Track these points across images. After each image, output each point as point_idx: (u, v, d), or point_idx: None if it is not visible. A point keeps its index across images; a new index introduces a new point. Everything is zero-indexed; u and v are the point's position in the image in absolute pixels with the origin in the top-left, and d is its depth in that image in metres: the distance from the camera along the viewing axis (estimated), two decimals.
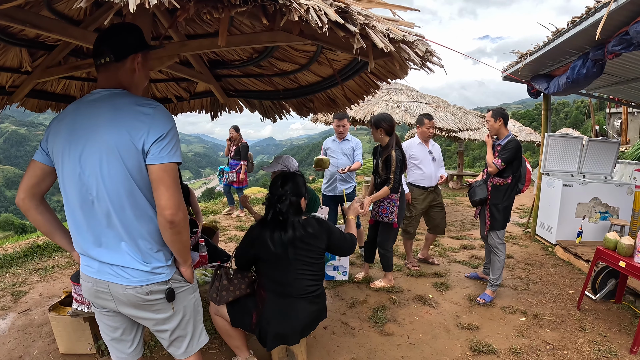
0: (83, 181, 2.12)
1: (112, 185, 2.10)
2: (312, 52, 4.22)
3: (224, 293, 3.41)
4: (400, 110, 10.23)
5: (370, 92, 4.59)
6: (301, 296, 3.31)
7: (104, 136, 2.07)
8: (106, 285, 2.22)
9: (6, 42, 3.84)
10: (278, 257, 3.22)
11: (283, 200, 3.26)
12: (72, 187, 2.15)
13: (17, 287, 5.81)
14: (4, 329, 4.60)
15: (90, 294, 2.31)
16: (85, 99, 2.22)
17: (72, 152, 2.12)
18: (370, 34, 2.12)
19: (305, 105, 5.44)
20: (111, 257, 2.19)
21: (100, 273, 2.21)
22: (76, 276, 3.60)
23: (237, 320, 3.43)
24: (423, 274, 6.21)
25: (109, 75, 2.24)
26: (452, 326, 4.62)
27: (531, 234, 8.60)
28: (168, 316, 2.36)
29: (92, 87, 5.44)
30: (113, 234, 2.17)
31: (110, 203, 2.12)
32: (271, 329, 3.23)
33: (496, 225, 5.20)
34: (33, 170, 2.27)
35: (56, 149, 2.17)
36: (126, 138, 2.06)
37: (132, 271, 2.20)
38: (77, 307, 3.59)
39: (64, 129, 2.15)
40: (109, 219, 2.14)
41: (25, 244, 7.48)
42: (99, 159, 2.08)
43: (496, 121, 5.22)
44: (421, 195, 6.39)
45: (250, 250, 3.35)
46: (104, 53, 2.20)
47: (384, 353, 4.09)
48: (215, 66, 5.09)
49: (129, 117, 2.10)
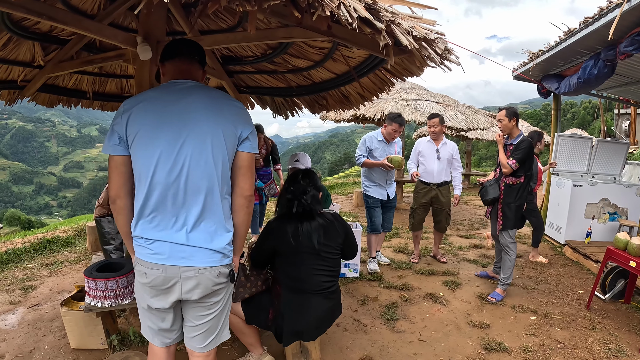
0: (179, 160, 2.25)
1: (212, 167, 2.30)
2: (327, 49, 4.25)
3: (241, 290, 3.44)
4: (410, 108, 10.23)
5: (385, 90, 4.63)
6: (317, 292, 3.32)
7: (208, 122, 2.29)
8: (177, 270, 2.30)
9: (20, 35, 3.87)
10: (296, 250, 3.25)
11: (307, 192, 3.32)
12: (162, 170, 2.25)
13: (27, 281, 5.85)
14: (14, 323, 4.62)
15: (157, 283, 2.33)
16: (170, 88, 2.37)
17: (168, 136, 2.24)
18: (395, 32, 2.15)
19: (318, 102, 5.45)
20: (191, 238, 2.31)
21: (172, 258, 2.29)
22: (89, 271, 3.63)
23: (252, 317, 3.45)
24: (433, 272, 6.24)
25: (192, 70, 2.49)
26: (464, 324, 4.65)
27: None
28: (214, 302, 2.48)
29: (103, 82, 5.53)
30: (196, 215, 2.31)
31: (206, 185, 2.30)
32: (287, 325, 3.26)
33: (508, 224, 5.21)
34: (117, 167, 2.33)
35: (143, 134, 2.25)
36: (230, 126, 2.34)
37: (206, 252, 2.33)
38: (90, 302, 3.60)
39: (152, 115, 2.27)
40: (197, 201, 2.30)
41: (34, 239, 7.50)
42: (203, 143, 2.28)
43: (510, 120, 5.20)
44: (423, 189, 6.52)
45: (269, 245, 3.37)
46: (194, 54, 2.51)
47: (396, 350, 4.11)
48: (227, 62, 5.11)
49: (228, 107, 2.39)
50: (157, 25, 3.52)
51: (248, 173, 2.44)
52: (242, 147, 2.41)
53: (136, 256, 2.37)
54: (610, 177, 8.21)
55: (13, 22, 3.72)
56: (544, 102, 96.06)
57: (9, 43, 4.03)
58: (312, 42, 4.17)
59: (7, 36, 3.89)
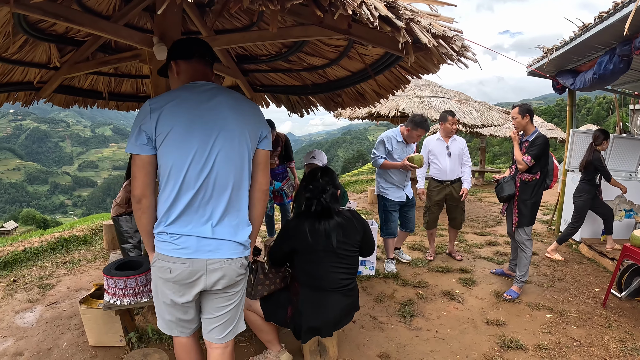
0: (210, 158, 2.36)
1: (238, 165, 2.45)
2: (342, 47, 4.25)
3: (260, 287, 3.44)
4: (424, 105, 10.20)
5: (401, 87, 4.62)
6: (335, 289, 3.33)
7: (236, 123, 2.43)
8: (203, 263, 2.38)
9: (36, 37, 3.90)
10: (314, 249, 3.25)
11: (327, 190, 3.33)
12: (195, 168, 2.33)
13: (45, 280, 5.89)
14: (32, 321, 4.66)
15: (183, 277, 2.39)
16: (197, 89, 2.45)
17: (200, 135, 2.34)
18: (415, 30, 2.14)
19: (333, 100, 5.45)
20: (216, 231, 2.41)
21: (199, 251, 2.37)
22: (108, 269, 3.65)
23: (271, 314, 3.45)
24: (449, 269, 6.22)
25: (208, 72, 2.61)
26: (480, 321, 4.63)
27: (555, 231, 8.54)
28: (234, 292, 2.60)
29: (119, 82, 5.56)
30: (225, 210, 2.44)
31: (232, 182, 2.43)
32: (305, 322, 3.27)
33: (524, 221, 5.18)
34: (144, 166, 2.36)
35: (175, 132, 2.30)
36: (254, 127, 2.52)
37: (229, 244, 2.44)
38: (109, 300, 3.62)
39: (185, 114, 2.34)
40: (224, 197, 2.42)
41: (51, 238, 7.54)
42: (232, 142, 2.41)
43: (523, 117, 5.16)
44: (436, 187, 6.48)
45: (287, 244, 3.37)
46: (209, 55, 2.61)
47: (412, 347, 4.11)
48: (242, 61, 5.11)
49: (249, 109, 2.56)
50: (172, 26, 3.52)
51: (265, 169, 2.62)
52: (261, 145, 2.57)
53: (159, 252, 2.40)
54: (625, 174, 8.10)
55: (29, 25, 3.75)
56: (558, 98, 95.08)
57: (26, 45, 4.06)
58: (327, 40, 4.17)
59: (24, 38, 3.92)
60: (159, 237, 2.40)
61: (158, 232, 2.41)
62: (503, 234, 8.37)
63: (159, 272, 2.43)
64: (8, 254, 6.58)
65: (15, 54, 4.11)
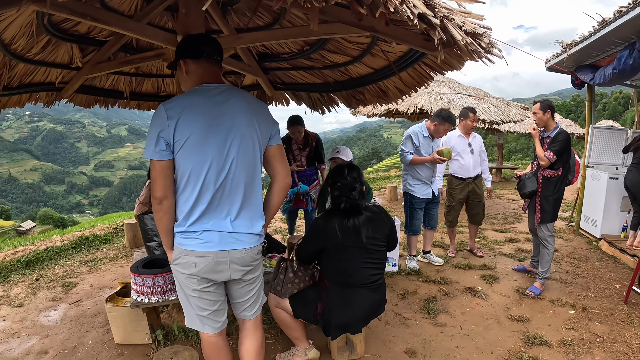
0: (228, 161, 2.46)
1: (251, 164, 2.57)
2: (365, 44, 4.21)
3: (289, 286, 3.44)
4: (443, 102, 10.14)
5: (424, 84, 4.57)
6: (364, 285, 3.33)
7: (250, 125, 2.53)
8: (226, 254, 2.52)
9: (59, 37, 3.90)
10: (344, 246, 3.24)
11: (355, 188, 3.33)
12: (214, 171, 2.43)
13: (67, 278, 5.90)
14: (57, 319, 4.66)
15: (207, 269, 2.50)
16: (210, 92, 2.50)
17: (218, 139, 2.43)
18: (449, 27, 2.15)
19: (355, 97, 5.41)
20: (235, 225, 2.53)
21: (222, 244, 2.50)
22: (136, 267, 3.64)
23: (300, 311, 3.44)
24: (471, 266, 6.17)
25: (219, 72, 2.67)
26: (503, 318, 4.59)
27: (575, 227, 8.41)
28: (257, 275, 2.79)
29: (140, 81, 5.55)
30: (240, 205, 2.56)
31: (246, 178, 2.54)
32: (335, 318, 3.27)
33: (546, 217, 5.12)
34: (163, 171, 2.42)
35: (194, 138, 2.38)
36: (266, 126, 2.62)
37: (249, 236, 2.59)
38: (137, 298, 3.61)
39: (202, 119, 2.40)
40: (239, 194, 2.54)
41: (73, 237, 7.57)
42: (247, 143, 2.52)
43: (545, 113, 5.09)
44: (459, 185, 6.39)
45: (317, 242, 3.36)
46: (218, 54, 2.65)
47: (438, 343, 4.08)
48: (264, 59, 5.08)
49: (260, 109, 2.66)
50: (195, 25, 3.50)
51: (282, 159, 2.76)
52: (271, 142, 2.70)
53: (183, 249, 2.50)
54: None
55: (52, 25, 3.74)
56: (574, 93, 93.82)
57: (48, 45, 4.05)
58: (350, 37, 4.14)
59: (46, 39, 3.91)
60: (182, 235, 2.50)
61: (181, 231, 2.50)
62: (523, 230, 8.29)
63: (182, 268, 2.53)
64: (30, 253, 6.61)
65: (37, 55, 4.09)
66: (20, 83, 4.36)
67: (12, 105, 4.62)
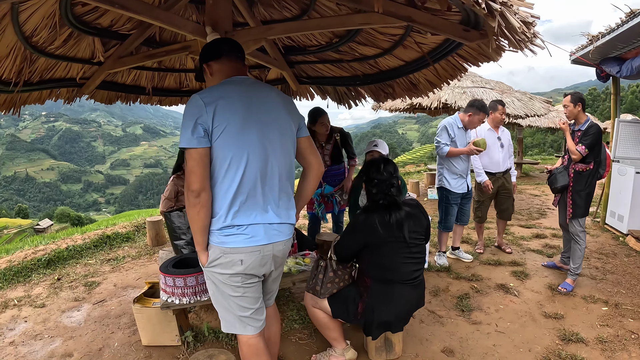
0: (267, 150, 2.40)
1: (288, 155, 2.56)
2: (397, 36, 4.03)
3: (329, 285, 3.31)
4: (466, 96, 9.88)
5: (457, 76, 4.37)
6: (406, 281, 3.19)
7: (285, 116, 2.53)
8: (271, 247, 2.45)
9: (81, 30, 3.75)
10: (387, 242, 3.10)
11: (394, 184, 3.19)
12: (254, 159, 2.36)
13: (90, 277, 5.70)
14: (80, 320, 4.45)
15: (254, 265, 2.42)
16: (244, 82, 2.48)
17: (257, 127, 2.38)
18: (506, 14, 2.06)
19: (384, 91, 5.21)
20: (276, 217, 2.47)
21: (267, 237, 2.42)
22: (165, 267, 3.41)
23: (339, 311, 3.30)
24: (500, 262, 5.97)
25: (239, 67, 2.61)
26: (538, 315, 4.43)
27: (600, 223, 8.15)
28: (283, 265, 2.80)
29: (162, 77, 5.37)
30: (278, 196, 2.50)
31: (283, 168, 2.51)
32: (377, 317, 3.15)
33: (578, 212, 4.94)
34: (202, 159, 2.28)
35: (234, 125, 2.31)
36: (296, 118, 2.63)
37: (287, 226, 2.55)
38: (167, 299, 3.39)
39: (240, 105, 2.35)
40: (280, 184, 2.49)
41: (94, 235, 7.37)
42: (284, 133, 2.51)
43: (575, 106, 4.92)
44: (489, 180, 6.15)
45: (358, 239, 3.19)
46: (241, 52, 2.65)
47: (475, 342, 3.93)
48: (289, 52, 4.92)
49: (290, 103, 2.67)
50: (223, 16, 3.37)
51: (314, 150, 2.75)
52: (299, 134, 2.67)
53: (226, 247, 2.36)
54: None
55: (75, 17, 3.59)
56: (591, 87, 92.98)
57: (70, 39, 3.87)
58: (382, 28, 3.96)
59: (69, 31, 3.74)
60: (224, 232, 2.35)
61: (222, 227, 2.35)
62: (549, 226, 8.07)
63: (223, 268, 2.39)
64: (51, 252, 6.40)
65: (59, 49, 3.92)
66: (41, 78, 4.17)
67: (32, 102, 4.45)
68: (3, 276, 5.66)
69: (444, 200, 5.75)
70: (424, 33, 3.70)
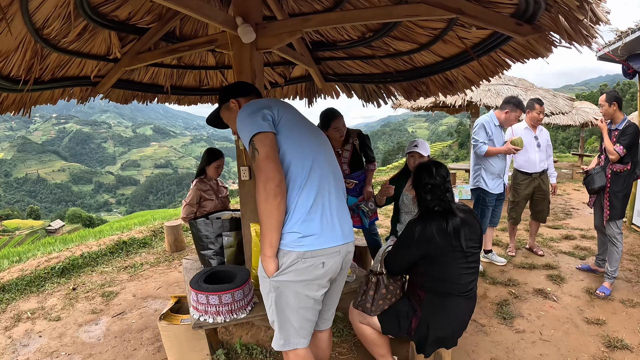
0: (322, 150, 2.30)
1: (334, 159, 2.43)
2: (438, 30, 3.65)
3: (380, 302, 2.93)
4: (491, 93, 9.54)
5: (498, 73, 4.02)
6: (463, 293, 2.84)
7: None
8: (346, 247, 2.26)
9: (97, 22, 3.34)
10: (445, 251, 2.74)
11: (448, 188, 2.89)
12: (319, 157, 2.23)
13: (107, 287, 5.17)
14: (99, 335, 3.95)
15: (334, 267, 2.21)
16: None
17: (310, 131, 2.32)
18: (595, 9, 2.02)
19: (416, 88, 4.83)
20: (344, 215, 2.31)
21: (343, 236, 2.22)
22: (196, 282, 2.89)
23: (390, 326, 2.93)
24: (534, 265, 5.57)
25: None
26: (579, 321, 4.10)
27: (627, 223, 7.67)
28: None
29: (181, 74, 4.92)
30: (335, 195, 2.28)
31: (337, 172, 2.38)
32: (432, 332, 2.81)
33: (616, 214, 4.60)
34: (274, 144, 2.10)
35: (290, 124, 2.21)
36: None
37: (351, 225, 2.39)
38: (199, 318, 2.87)
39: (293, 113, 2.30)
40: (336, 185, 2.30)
41: (109, 241, 6.79)
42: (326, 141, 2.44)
43: (611, 105, 4.64)
44: (524, 180, 5.78)
45: (415, 250, 2.80)
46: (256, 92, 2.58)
47: (522, 351, 3.62)
48: (316, 48, 4.51)
49: None
50: (254, 7, 3.13)
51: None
52: None
53: (306, 250, 2.09)
54: None
55: (91, 8, 3.18)
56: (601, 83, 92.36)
57: (85, 32, 3.43)
58: (422, 22, 3.59)
59: (83, 24, 3.31)
60: (305, 231, 2.09)
61: (300, 227, 2.09)
62: (576, 227, 7.66)
63: (299, 274, 2.12)
64: (65, 259, 5.85)
65: (73, 43, 3.46)
66: (53, 77, 3.70)
67: (43, 102, 4.00)
68: (15, 286, 5.12)
69: (481, 202, 5.36)
70: (467, 27, 3.37)
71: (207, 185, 4.51)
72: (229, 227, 3.61)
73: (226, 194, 4.79)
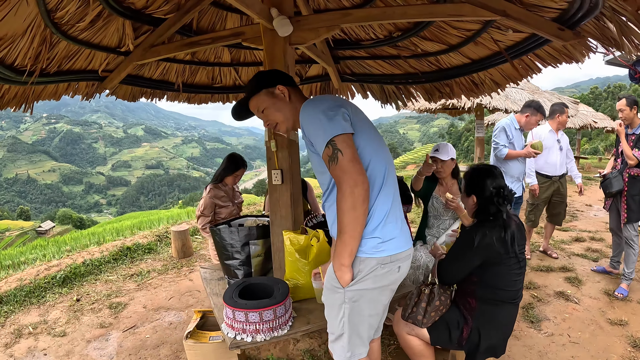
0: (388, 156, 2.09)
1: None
2: (472, 31, 3.39)
3: (432, 314, 2.71)
4: (500, 97, 9.35)
5: (527, 76, 3.79)
6: (513, 300, 2.69)
7: None
8: (410, 251, 2.11)
9: (112, 8, 2.93)
10: (501, 259, 2.57)
11: (508, 197, 2.66)
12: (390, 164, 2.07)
13: (114, 297, 4.67)
14: (111, 352, 3.46)
15: (406, 271, 2.09)
16: None
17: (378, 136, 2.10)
18: None
19: (439, 90, 4.59)
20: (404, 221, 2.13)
21: (408, 240, 2.07)
22: (231, 298, 2.45)
23: (440, 337, 2.73)
24: (550, 268, 5.37)
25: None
26: (603, 322, 4.01)
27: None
28: None
29: (194, 70, 4.49)
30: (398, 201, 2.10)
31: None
32: (483, 341, 2.65)
33: (633, 217, 4.54)
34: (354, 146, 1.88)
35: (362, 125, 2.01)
36: None
37: None
38: (236, 336, 2.41)
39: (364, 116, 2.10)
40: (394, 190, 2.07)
41: (112, 247, 6.21)
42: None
43: (631, 110, 4.58)
44: (544, 183, 5.57)
45: (474, 258, 2.60)
46: None
47: (554, 354, 3.49)
48: (338, 46, 4.16)
49: None
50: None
51: None
52: None
53: (384, 256, 1.93)
54: None
55: None
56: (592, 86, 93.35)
57: (98, 20, 3.00)
58: (456, 23, 3.32)
59: (99, 9, 2.89)
60: (385, 235, 1.94)
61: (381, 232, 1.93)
62: (584, 228, 7.53)
63: (376, 281, 1.96)
64: (66, 267, 5.29)
65: (84, 32, 3.03)
66: (59, 69, 3.26)
67: (47, 97, 3.52)
68: (14, 297, 4.58)
69: None
70: (504, 29, 3.16)
71: (222, 191, 4.14)
72: (256, 235, 3.14)
73: (241, 200, 4.45)
